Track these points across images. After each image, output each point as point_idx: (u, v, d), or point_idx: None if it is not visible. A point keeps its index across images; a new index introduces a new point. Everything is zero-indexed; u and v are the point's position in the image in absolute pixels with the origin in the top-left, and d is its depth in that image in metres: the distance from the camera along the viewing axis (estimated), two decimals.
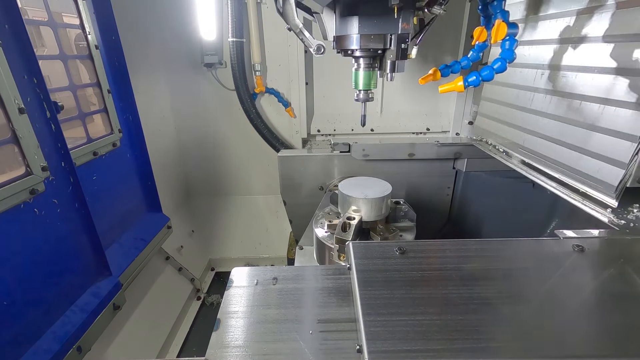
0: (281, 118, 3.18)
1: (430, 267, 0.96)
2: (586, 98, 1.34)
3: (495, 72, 1.31)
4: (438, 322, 0.78)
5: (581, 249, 1.00)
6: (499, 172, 2.19)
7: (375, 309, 0.82)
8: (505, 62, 1.29)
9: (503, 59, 1.29)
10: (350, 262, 0.99)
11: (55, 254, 1.58)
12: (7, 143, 1.37)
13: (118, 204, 2.22)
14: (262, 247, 3.50)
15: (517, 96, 1.75)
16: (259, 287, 1.00)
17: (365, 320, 0.78)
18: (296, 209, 2.47)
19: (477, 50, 1.51)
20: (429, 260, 0.99)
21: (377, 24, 1.14)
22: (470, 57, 1.53)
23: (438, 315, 0.80)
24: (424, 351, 0.72)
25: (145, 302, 2.43)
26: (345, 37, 1.20)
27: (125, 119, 2.29)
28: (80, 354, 1.59)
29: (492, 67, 1.31)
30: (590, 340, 0.75)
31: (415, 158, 2.34)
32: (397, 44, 1.18)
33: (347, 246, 1.04)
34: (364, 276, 0.92)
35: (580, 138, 1.37)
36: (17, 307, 1.39)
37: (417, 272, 0.93)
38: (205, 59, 2.93)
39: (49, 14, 1.74)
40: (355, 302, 0.86)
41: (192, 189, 3.62)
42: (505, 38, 1.26)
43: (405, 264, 0.96)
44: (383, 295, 0.86)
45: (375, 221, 1.54)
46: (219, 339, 0.84)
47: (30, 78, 1.45)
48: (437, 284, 0.90)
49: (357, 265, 0.96)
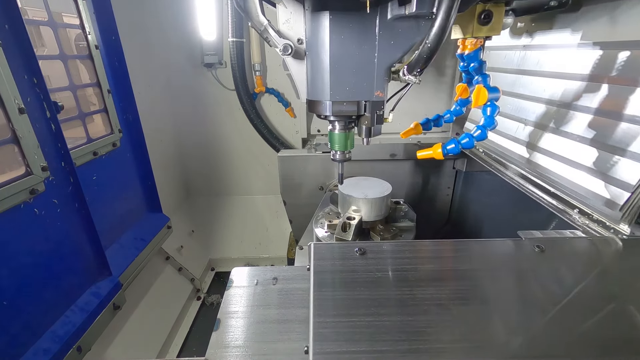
0: (281, 118, 3.17)
1: (388, 269, 0.95)
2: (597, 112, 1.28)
3: (475, 140, 1.27)
4: (387, 324, 0.78)
5: (542, 249, 1.00)
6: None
7: (326, 310, 0.81)
8: (486, 130, 1.24)
9: (483, 127, 1.24)
10: (310, 263, 0.98)
11: (55, 254, 1.58)
12: (7, 143, 1.37)
13: (118, 204, 2.22)
14: (262, 247, 3.50)
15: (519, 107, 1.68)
16: (259, 287, 1.00)
17: (315, 322, 0.78)
18: (296, 209, 2.47)
19: (460, 105, 1.47)
20: (388, 261, 0.98)
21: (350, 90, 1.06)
22: (453, 111, 1.50)
23: (389, 316, 0.79)
24: (368, 352, 0.72)
25: (145, 302, 2.43)
26: (316, 103, 1.11)
27: (125, 119, 2.29)
28: (80, 354, 1.59)
29: (472, 135, 1.27)
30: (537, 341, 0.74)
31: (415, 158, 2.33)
32: (372, 111, 1.09)
33: (309, 247, 1.03)
34: (320, 277, 0.91)
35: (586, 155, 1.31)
36: (17, 307, 1.39)
37: (373, 274, 0.92)
38: (205, 59, 2.93)
39: (49, 14, 1.74)
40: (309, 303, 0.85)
41: (192, 189, 3.62)
42: (487, 104, 1.21)
43: (363, 265, 0.95)
44: (337, 296, 0.85)
45: (375, 221, 1.54)
46: (219, 339, 0.84)
47: (30, 78, 1.45)
48: (392, 285, 0.89)
49: (316, 266, 0.95)
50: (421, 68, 0.98)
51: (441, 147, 1.36)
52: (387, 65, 1.04)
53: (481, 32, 1.16)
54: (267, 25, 1.05)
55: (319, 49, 1.04)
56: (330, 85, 1.05)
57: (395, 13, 0.95)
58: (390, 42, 1.01)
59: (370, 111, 1.09)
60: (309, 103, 1.15)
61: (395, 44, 1.01)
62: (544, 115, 1.51)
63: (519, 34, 1.65)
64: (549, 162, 1.47)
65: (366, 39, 1.00)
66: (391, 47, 1.01)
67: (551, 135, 1.46)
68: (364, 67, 1.04)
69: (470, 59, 1.24)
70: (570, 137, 1.36)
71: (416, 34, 1.00)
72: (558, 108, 1.42)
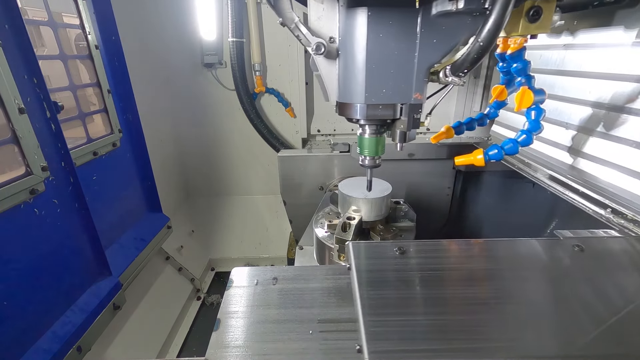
0: (281, 118, 3.18)
1: (430, 267, 0.95)
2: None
3: (520, 146, 1.18)
4: (438, 322, 0.78)
5: (581, 248, 1.00)
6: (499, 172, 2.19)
7: (375, 309, 0.81)
8: (531, 134, 1.16)
9: (529, 131, 1.16)
10: (350, 262, 0.98)
11: (55, 254, 1.58)
12: (7, 143, 1.37)
13: (118, 204, 2.22)
14: (262, 247, 3.50)
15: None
16: (259, 287, 1.00)
17: (366, 320, 0.78)
18: (296, 209, 2.47)
19: (495, 107, 1.41)
20: (429, 260, 0.98)
21: (386, 93, 1.00)
22: (487, 113, 1.43)
23: (437, 315, 0.80)
24: (423, 351, 0.72)
25: (145, 302, 2.43)
26: (348, 105, 1.04)
27: (125, 119, 2.29)
28: (80, 354, 1.59)
29: (517, 140, 1.18)
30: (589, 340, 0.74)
31: (415, 158, 2.34)
32: (409, 114, 1.02)
33: (347, 246, 1.04)
34: (363, 276, 0.92)
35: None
36: (17, 307, 1.39)
37: (416, 272, 0.93)
38: (205, 59, 2.93)
39: (49, 14, 1.74)
40: (355, 302, 0.86)
41: (192, 189, 3.62)
42: (531, 107, 1.14)
43: (405, 264, 0.96)
44: (383, 295, 0.86)
45: (375, 221, 1.54)
46: (219, 339, 0.84)
47: (30, 78, 1.45)
48: (437, 284, 0.90)
49: (357, 265, 0.96)
50: (467, 69, 0.91)
51: (482, 153, 1.26)
52: (427, 65, 0.98)
53: (529, 30, 1.05)
54: (298, 22, 0.98)
55: (354, 48, 0.97)
56: (365, 87, 1.00)
57: (441, 9, 0.87)
58: (432, 41, 0.94)
59: (407, 114, 1.03)
60: (340, 105, 1.08)
61: (438, 43, 0.94)
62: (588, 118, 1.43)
63: (559, 32, 1.53)
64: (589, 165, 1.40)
65: (406, 37, 0.93)
66: (433, 46, 0.95)
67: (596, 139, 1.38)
68: (403, 67, 0.97)
69: (513, 59, 1.16)
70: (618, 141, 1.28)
71: (460, 32, 0.93)
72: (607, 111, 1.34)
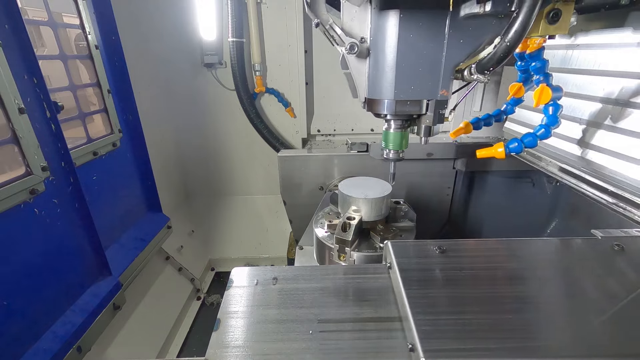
0: (281, 118, 3.17)
1: (472, 266, 0.95)
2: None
3: (538, 139, 1.26)
4: (488, 321, 0.77)
5: (621, 248, 0.99)
6: (499, 172, 2.19)
7: (423, 307, 0.81)
8: (550, 128, 1.24)
9: (547, 125, 1.23)
10: (391, 261, 0.98)
11: (55, 253, 1.58)
12: (7, 143, 1.37)
13: (118, 204, 2.22)
14: (262, 247, 3.50)
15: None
16: (259, 287, 1.00)
17: (416, 319, 0.77)
18: (296, 209, 2.47)
19: (512, 104, 1.48)
20: (470, 259, 0.98)
21: (415, 89, 1.06)
22: (504, 110, 1.50)
23: (486, 314, 0.79)
24: (478, 350, 0.71)
25: (145, 302, 2.43)
26: (377, 101, 1.11)
27: (125, 119, 2.29)
28: (80, 354, 1.59)
29: (536, 134, 1.26)
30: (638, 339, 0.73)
31: (415, 158, 2.33)
32: (435, 110, 1.09)
33: (386, 245, 1.04)
34: (407, 275, 0.91)
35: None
36: (17, 306, 1.39)
37: (458, 271, 0.93)
38: (205, 59, 2.93)
39: (49, 14, 1.74)
40: (402, 301, 0.85)
41: (192, 189, 3.62)
42: (549, 103, 1.21)
43: (446, 263, 0.96)
44: (428, 294, 0.85)
45: (375, 221, 1.54)
46: (219, 339, 0.84)
47: (30, 78, 1.45)
48: (481, 283, 0.89)
49: (399, 264, 0.95)
50: (493, 67, 0.98)
51: (503, 146, 1.34)
52: (454, 64, 1.03)
53: (549, 31, 1.12)
54: (333, 23, 1.04)
55: (385, 48, 1.03)
56: (395, 84, 1.05)
57: (469, 11, 0.93)
58: (459, 41, 0.99)
59: (433, 110, 1.09)
60: (368, 102, 1.14)
61: (464, 43, 1.00)
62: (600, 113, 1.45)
63: (572, 33, 1.60)
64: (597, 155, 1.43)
65: (435, 37, 0.99)
66: (460, 45, 1.00)
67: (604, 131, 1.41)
68: (431, 66, 1.03)
69: (532, 58, 1.24)
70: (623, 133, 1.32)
71: (486, 33, 0.98)
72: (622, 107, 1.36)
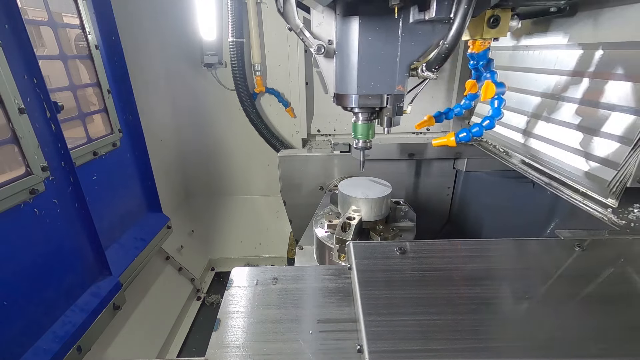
0: (281, 118, 3.17)
1: (431, 267, 0.96)
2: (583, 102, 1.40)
3: (484, 129, 1.46)
4: (439, 322, 0.78)
5: (582, 248, 1.01)
6: (499, 172, 2.19)
7: (376, 308, 0.82)
8: (494, 120, 1.42)
9: (492, 117, 1.41)
10: (351, 262, 0.99)
11: (55, 253, 1.58)
12: (7, 143, 1.37)
13: (118, 204, 2.22)
14: (262, 247, 3.50)
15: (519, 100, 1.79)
16: (259, 287, 1.00)
17: (366, 320, 0.78)
18: (296, 209, 2.47)
19: (469, 99, 1.61)
20: (430, 260, 0.99)
21: (375, 85, 1.21)
22: (463, 105, 1.64)
23: (439, 315, 0.80)
24: (424, 351, 0.72)
25: (145, 302, 2.43)
26: (344, 96, 1.27)
27: (125, 119, 2.29)
28: (80, 354, 1.59)
29: (482, 124, 1.44)
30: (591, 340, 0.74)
31: (415, 158, 2.34)
32: (393, 103, 1.24)
33: (348, 246, 1.04)
34: (364, 276, 0.92)
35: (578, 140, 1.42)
36: (17, 307, 1.39)
37: (417, 272, 0.93)
38: (205, 59, 2.93)
39: (49, 14, 1.74)
40: (356, 302, 0.86)
41: (192, 189, 3.62)
42: (494, 97, 1.37)
43: (405, 264, 0.96)
44: (383, 295, 0.86)
45: (375, 221, 1.54)
46: (219, 339, 0.84)
47: (30, 78, 1.45)
48: (438, 284, 0.90)
49: (358, 265, 0.96)
50: (439, 65, 1.13)
51: (454, 135, 1.55)
52: (407, 63, 1.17)
53: (490, 34, 1.31)
54: (303, 27, 1.19)
55: (348, 49, 1.17)
56: (357, 80, 1.19)
57: (416, 18, 1.07)
58: (411, 43, 1.14)
59: (392, 103, 1.24)
60: (337, 96, 1.30)
61: (416, 45, 1.14)
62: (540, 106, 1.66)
63: (520, 35, 1.79)
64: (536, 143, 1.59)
65: (390, 40, 1.14)
66: (412, 47, 1.14)
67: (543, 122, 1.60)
68: (388, 64, 1.17)
69: (479, 58, 1.41)
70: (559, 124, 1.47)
71: (433, 36, 1.12)
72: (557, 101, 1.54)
